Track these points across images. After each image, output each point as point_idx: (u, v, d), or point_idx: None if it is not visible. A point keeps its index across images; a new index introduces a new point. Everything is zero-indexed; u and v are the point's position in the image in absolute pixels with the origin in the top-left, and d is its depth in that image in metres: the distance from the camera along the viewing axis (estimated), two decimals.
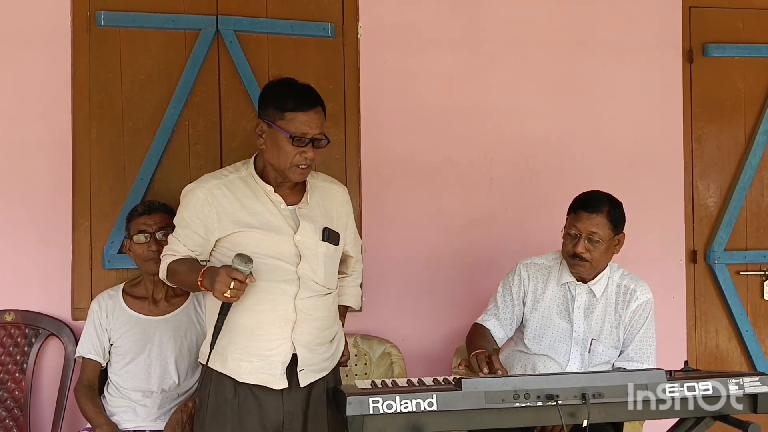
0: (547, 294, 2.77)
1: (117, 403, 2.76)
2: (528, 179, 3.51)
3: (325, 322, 2.41)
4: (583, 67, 3.55)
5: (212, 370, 2.36)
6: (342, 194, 2.54)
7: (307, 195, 2.41)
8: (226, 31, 3.18)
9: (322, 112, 2.35)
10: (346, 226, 2.52)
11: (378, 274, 3.34)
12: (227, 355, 2.33)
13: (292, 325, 2.31)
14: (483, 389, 1.97)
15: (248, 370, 2.31)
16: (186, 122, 3.17)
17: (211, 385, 2.37)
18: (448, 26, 3.46)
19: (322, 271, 2.37)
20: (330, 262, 2.43)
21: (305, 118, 2.28)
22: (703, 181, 3.64)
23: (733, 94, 3.65)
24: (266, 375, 2.31)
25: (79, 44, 3.10)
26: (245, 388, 2.33)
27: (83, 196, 3.08)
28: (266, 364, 2.31)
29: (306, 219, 2.37)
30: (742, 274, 3.63)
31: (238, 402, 2.33)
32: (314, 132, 2.29)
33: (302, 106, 2.29)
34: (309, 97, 2.33)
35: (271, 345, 2.31)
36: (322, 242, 2.38)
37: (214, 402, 2.36)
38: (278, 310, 2.30)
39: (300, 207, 2.38)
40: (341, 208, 2.51)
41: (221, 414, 2.34)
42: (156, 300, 2.83)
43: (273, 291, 2.30)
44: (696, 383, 2.06)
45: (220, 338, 2.30)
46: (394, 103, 3.41)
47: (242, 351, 2.32)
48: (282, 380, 2.32)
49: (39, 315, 3.05)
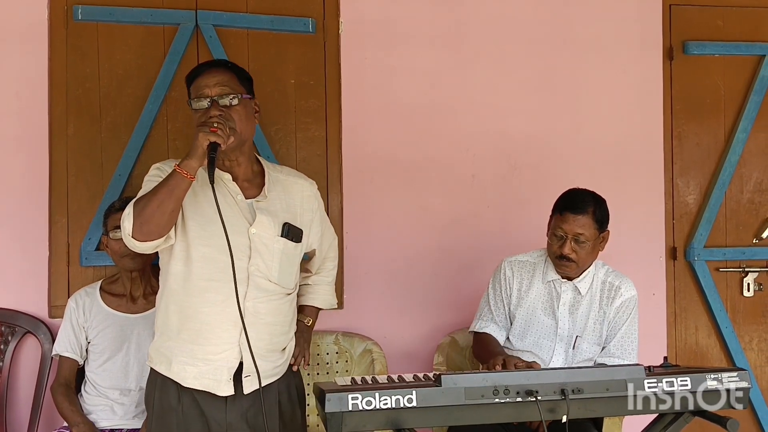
0: (532, 291, 2.78)
1: (94, 402, 2.74)
2: (510, 176, 3.51)
3: (279, 328, 2.31)
4: (565, 64, 3.56)
5: (157, 373, 2.28)
6: (308, 189, 2.42)
7: (265, 188, 2.31)
8: (205, 26, 3.15)
9: (224, 71, 2.25)
10: (311, 222, 2.41)
11: (359, 271, 3.34)
12: (172, 358, 2.23)
13: (240, 329, 2.17)
14: (462, 385, 1.96)
15: (193, 375, 2.21)
16: (164, 118, 3.14)
17: (155, 390, 2.28)
18: (429, 22, 3.45)
19: (276, 268, 2.26)
20: (287, 260, 2.31)
21: (201, 80, 2.22)
22: (683, 178, 3.65)
23: (713, 92, 3.67)
24: (211, 380, 2.21)
25: (56, 38, 3.06)
26: (189, 395, 2.23)
27: (60, 192, 3.05)
28: (212, 369, 2.20)
29: (264, 212, 2.26)
30: (722, 271, 3.66)
31: (182, 409, 2.23)
32: (214, 90, 2.20)
33: (198, 71, 2.26)
34: (208, 62, 2.30)
35: (217, 349, 2.20)
36: (280, 238, 2.27)
37: (159, 407, 2.27)
38: (227, 312, 2.17)
39: (258, 200, 2.28)
40: (306, 204, 2.40)
41: (167, 421, 2.25)
42: (134, 297, 2.81)
43: (222, 291, 2.16)
44: (675, 379, 2.06)
45: (165, 340, 2.24)
46: (375, 99, 3.39)
47: (187, 354, 2.21)
48: (228, 387, 2.21)
49: (15, 313, 3.02)
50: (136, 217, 2.07)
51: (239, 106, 2.22)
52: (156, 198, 2.07)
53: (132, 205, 2.10)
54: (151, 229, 2.09)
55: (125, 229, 2.10)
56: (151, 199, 2.07)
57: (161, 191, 2.07)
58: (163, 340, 2.28)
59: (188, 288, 2.21)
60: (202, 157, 2.09)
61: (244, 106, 2.24)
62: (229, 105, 2.20)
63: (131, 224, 2.08)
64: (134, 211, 2.08)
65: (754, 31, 3.69)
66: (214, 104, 2.19)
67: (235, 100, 2.21)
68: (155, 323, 2.33)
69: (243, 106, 2.24)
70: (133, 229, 2.08)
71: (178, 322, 2.22)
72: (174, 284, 2.23)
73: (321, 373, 3.18)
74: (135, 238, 2.10)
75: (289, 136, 3.27)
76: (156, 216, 2.07)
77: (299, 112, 3.28)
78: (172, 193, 2.07)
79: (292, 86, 3.27)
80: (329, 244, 2.59)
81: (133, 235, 2.10)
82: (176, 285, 2.23)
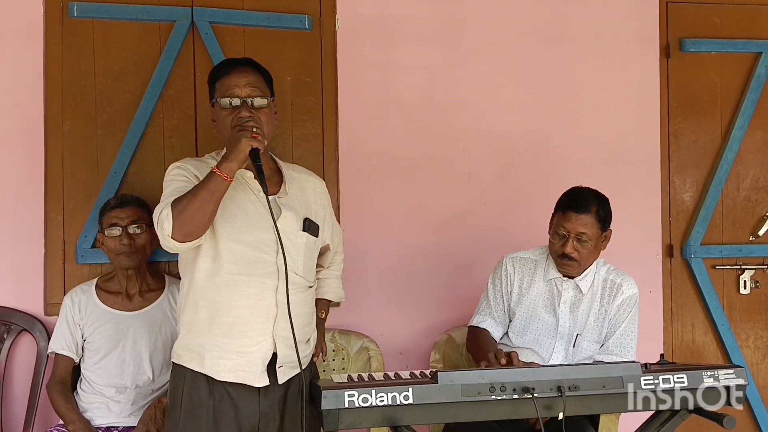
0: (533, 289, 2.77)
1: (90, 399, 2.73)
2: (506, 174, 3.50)
3: (305, 319, 2.37)
4: (562, 62, 3.56)
5: (185, 369, 2.29)
6: (319, 185, 2.50)
7: (285, 185, 2.36)
8: (201, 23, 3.14)
9: (253, 71, 2.30)
10: (324, 217, 2.47)
11: (356, 269, 3.32)
12: (204, 354, 2.25)
13: (273, 321, 2.25)
14: (459, 382, 1.96)
15: (228, 368, 2.24)
16: (160, 115, 3.13)
17: (184, 386, 2.29)
18: (427, 19, 3.44)
19: (302, 261, 2.32)
20: (309, 253, 2.37)
21: (230, 79, 2.26)
22: (680, 175, 3.65)
23: (710, 90, 3.67)
24: (246, 372, 2.24)
25: (51, 35, 3.05)
26: (220, 388, 2.26)
27: (56, 189, 3.04)
28: (246, 362, 2.24)
29: (287, 208, 2.31)
30: (718, 269, 3.66)
31: (213, 403, 2.26)
32: (244, 90, 2.24)
33: (225, 69, 2.29)
34: (235, 60, 2.32)
35: (251, 342, 2.24)
36: (302, 232, 2.33)
37: (189, 403, 2.28)
38: (260, 305, 2.23)
39: (279, 196, 2.33)
40: (319, 200, 2.47)
41: (196, 416, 2.27)
42: (130, 295, 2.80)
43: (255, 285, 2.23)
44: (671, 376, 2.06)
45: (194, 337, 2.26)
46: (372, 96, 3.39)
47: (221, 348, 2.24)
48: (263, 378, 2.26)
49: (11, 310, 3.01)
50: (176, 219, 2.08)
51: (266, 109, 2.28)
52: (196, 200, 2.09)
53: (169, 207, 2.10)
54: (192, 230, 2.12)
55: (165, 230, 2.09)
56: (191, 201, 2.09)
57: (201, 193, 2.09)
58: (192, 336, 2.29)
59: (218, 283, 2.23)
60: (244, 161, 2.14)
61: (269, 108, 2.31)
62: (258, 107, 2.25)
63: (171, 225, 2.08)
64: (173, 213, 2.08)
65: (750, 28, 3.69)
66: (245, 105, 2.23)
67: (264, 101, 2.27)
68: (180, 320, 2.34)
69: (269, 108, 2.30)
70: (173, 230, 2.09)
71: (209, 317, 2.24)
72: (203, 280, 2.25)
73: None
74: (175, 239, 2.11)
75: (285, 134, 3.26)
76: (197, 217, 2.10)
77: (296, 110, 3.27)
78: (212, 195, 2.10)
79: (289, 83, 3.26)
80: (338, 239, 2.65)
81: (173, 236, 2.10)
82: (205, 281, 2.25)
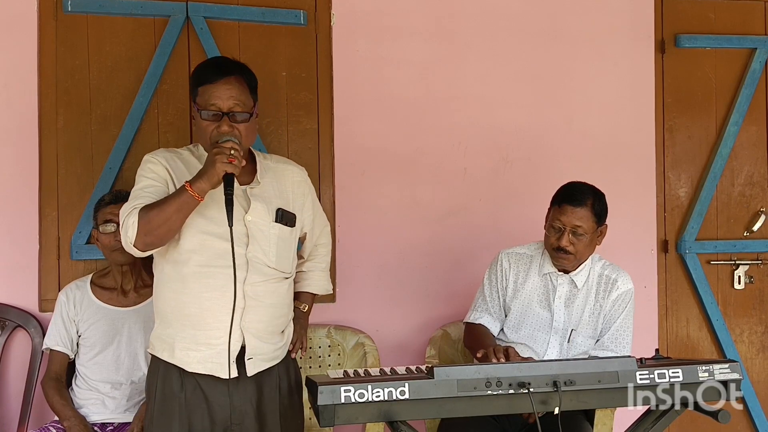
0: (528, 283, 2.78)
1: (85, 396, 2.73)
2: (501, 169, 3.50)
3: (278, 310, 2.34)
4: (556, 57, 3.56)
5: (160, 360, 2.30)
6: (298, 174, 2.46)
7: (257, 175, 2.33)
8: (196, 18, 3.13)
9: (237, 83, 2.25)
10: (302, 206, 2.44)
11: (352, 264, 3.33)
12: (174, 345, 2.25)
13: (242, 312, 2.23)
14: (455, 377, 1.96)
15: (197, 359, 2.24)
16: (155, 110, 3.12)
17: (158, 377, 2.30)
18: (421, 15, 3.44)
19: (274, 253, 2.29)
20: (284, 244, 2.34)
21: (214, 89, 2.21)
22: (675, 171, 3.66)
23: (705, 85, 3.68)
24: (214, 364, 2.23)
25: (45, 30, 3.04)
26: (192, 380, 2.26)
27: (50, 185, 3.03)
28: (215, 353, 2.23)
29: (258, 199, 2.29)
30: (713, 264, 3.67)
31: (185, 396, 2.26)
32: (226, 104, 2.21)
33: (211, 77, 2.24)
34: (221, 68, 2.27)
35: (219, 333, 2.22)
36: (275, 224, 2.31)
37: (161, 395, 2.28)
38: (226, 297, 2.19)
39: (251, 186, 2.30)
40: (297, 189, 2.43)
41: (169, 408, 2.27)
42: (125, 291, 2.80)
43: (221, 277, 2.19)
44: (666, 370, 2.06)
45: (165, 327, 2.27)
46: (367, 92, 3.38)
47: (190, 340, 2.23)
48: (232, 370, 2.24)
49: (5, 306, 3.00)
50: (141, 229, 2.11)
51: (248, 123, 2.26)
52: (163, 214, 2.10)
53: (137, 215, 2.11)
54: (154, 241, 2.15)
55: (128, 237, 2.12)
56: (158, 215, 2.10)
57: (168, 209, 2.10)
58: (164, 327, 2.29)
59: (186, 275, 2.22)
60: (217, 184, 2.13)
61: (251, 120, 2.29)
62: (240, 121, 2.23)
63: (135, 234, 2.11)
64: (139, 223, 2.10)
65: (745, 24, 3.70)
66: (225, 119, 2.21)
67: (246, 116, 2.25)
68: (155, 311, 2.35)
69: (251, 121, 2.29)
70: (136, 239, 2.12)
71: (178, 308, 2.24)
72: (172, 272, 2.25)
73: (313, 366, 3.18)
74: (136, 247, 2.15)
75: (280, 129, 3.26)
76: (160, 231, 2.12)
77: (291, 105, 3.27)
78: (180, 212, 2.11)
79: (284, 79, 3.26)
80: (321, 230, 2.61)
81: (134, 245, 2.13)
82: (174, 272, 2.24)
